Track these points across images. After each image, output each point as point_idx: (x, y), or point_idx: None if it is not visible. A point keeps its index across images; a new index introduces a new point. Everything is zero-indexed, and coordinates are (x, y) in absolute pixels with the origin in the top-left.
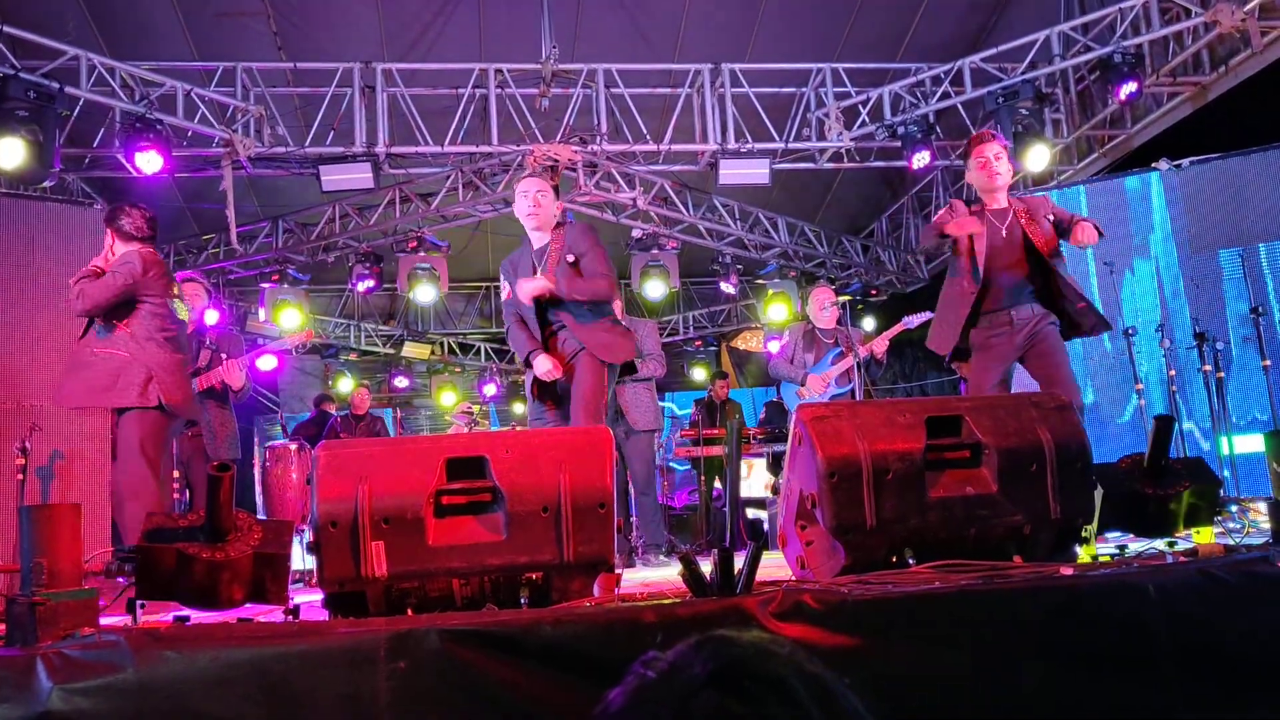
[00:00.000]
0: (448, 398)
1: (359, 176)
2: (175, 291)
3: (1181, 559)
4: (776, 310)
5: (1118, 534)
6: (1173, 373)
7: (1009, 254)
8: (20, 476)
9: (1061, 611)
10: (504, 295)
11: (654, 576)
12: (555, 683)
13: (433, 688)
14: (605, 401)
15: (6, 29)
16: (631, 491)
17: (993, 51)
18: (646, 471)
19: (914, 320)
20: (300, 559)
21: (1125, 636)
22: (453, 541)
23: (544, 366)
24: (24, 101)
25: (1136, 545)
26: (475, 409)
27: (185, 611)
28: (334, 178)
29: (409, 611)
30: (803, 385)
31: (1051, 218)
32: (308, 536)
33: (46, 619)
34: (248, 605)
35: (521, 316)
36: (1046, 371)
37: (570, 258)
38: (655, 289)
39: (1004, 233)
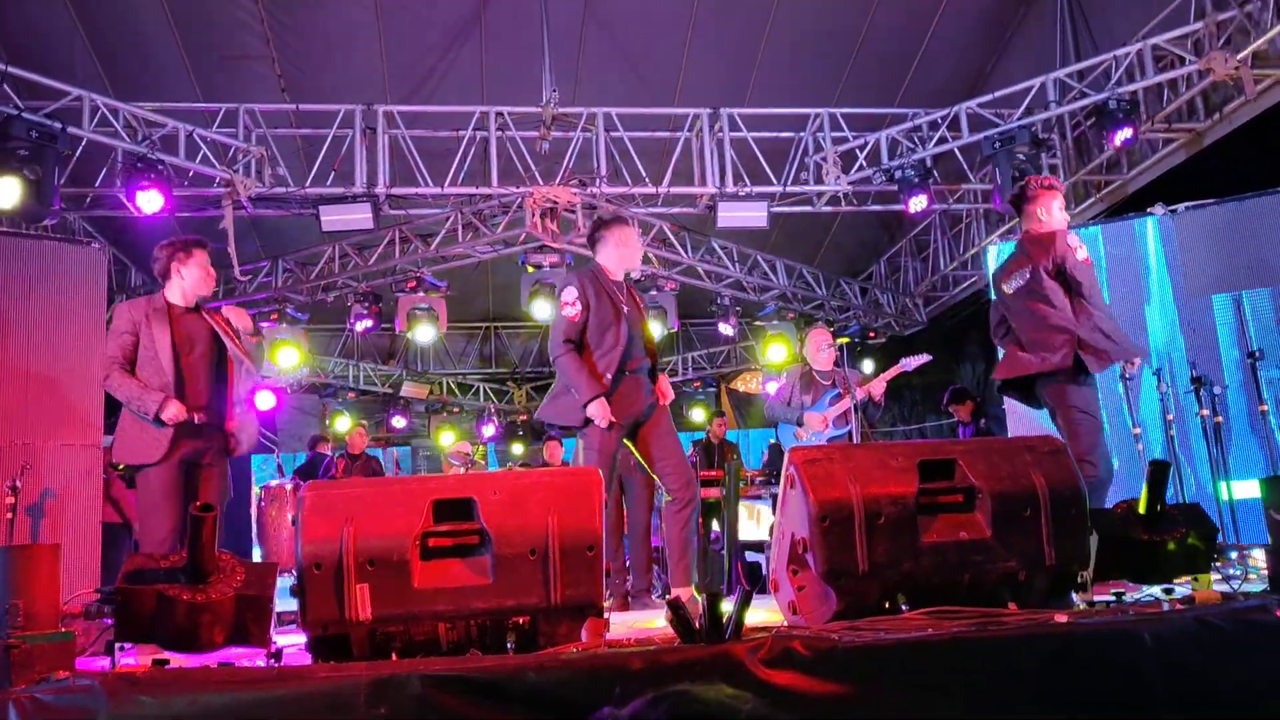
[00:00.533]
0: (446, 437)
1: (359, 217)
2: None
3: (1178, 606)
4: (775, 351)
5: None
6: (1170, 417)
7: None
8: (10, 515)
9: (1057, 659)
10: (573, 314)
11: (638, 619)
12: None
13: None
14: None
15: (12, 70)
16: (627, 534)
17: (989, 97)
18: (646, 517)
19: (912, 363)
20: (290, 600)
21: (1121, 685)
22: (439, 584)
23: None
24: (26, 141)
25: (1133, 593)
26: (476, 450)
27: (164, 655)
28: (334, 218)
29: (394, 655)
30: (800, 425)
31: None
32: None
33: (21, 662)
34: (229, 648)
35: (588, 344)
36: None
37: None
38: (654, 330)
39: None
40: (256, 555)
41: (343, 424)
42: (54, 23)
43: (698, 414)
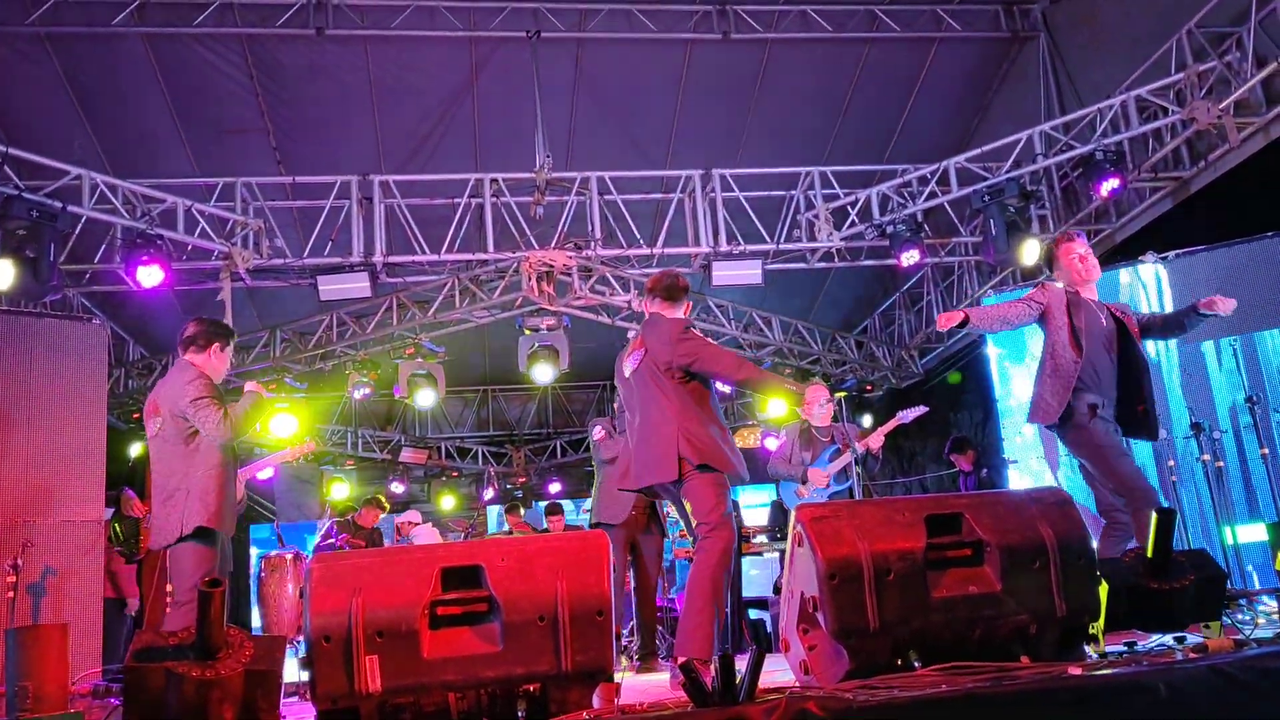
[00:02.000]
0: (448, 501)
1: (356, 286)
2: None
3: (1192, 655)
4: (775, 406)
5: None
6: (1172, 463)
7: (1103, 340)
8: (11, 595)
9: (1072, 713)
10: None
11: (650, 683)
12: None
13: None
14: None
15: (13, 151)
16: (633, 594)
17: (976, 152)
18: (654, 578)
19: (909, 415)
20: (296, 672)
21: None
22: (448, 653)
23: None
24: (26, 221)
25: (1145, 642)
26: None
27: None
28: (332, 287)
29: None
30: (802, 483)
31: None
32: (301, 649)
33: None
34: None
35: None
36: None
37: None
38: None
39: (1103, 320)
40: (256, 624)
41: (338, 490)
42: (53, 103)
43: None
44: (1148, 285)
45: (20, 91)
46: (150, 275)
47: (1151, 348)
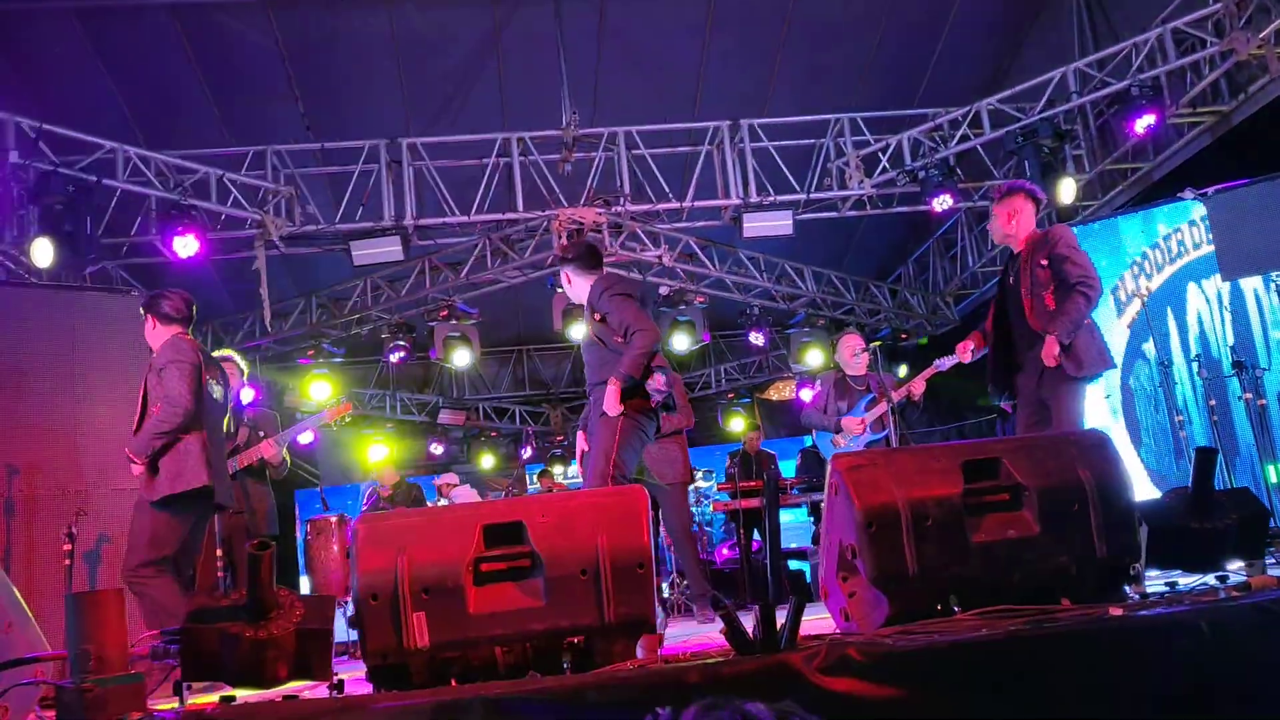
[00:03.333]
0: (487, 461)
1: (389, 250)
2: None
3: (1235, 594)
4: (813, 356)
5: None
6: (1213, 402)
7: (1013, 298)
8: (67, 562)
9: (1113, 653)
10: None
11: (692, 634)
12: None
13: None
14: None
15: (47, 126)
16: (668, 546)
17: (1009, 92)
18: (682, 524)
19: (945, 363)
20: (344, 631)
21: (1180, 677)
22: (493, 609)
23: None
24: (62, 195)
25: (1186, 581)
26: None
27: (231, 691)
28: (364, 252)
29: (452, 681)
30: (837, 432)
31: (1046, 262)
32: (350, 610)
33: (95, 705)
34: (292, 682)
35: None
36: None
37: (596, 317)
38: (681, 342)
39: (1011, 279)
40: (305, 587)
41: (375, 453)
42: (84, 78)
43: (736, 424)
44: (1191, 223)
45: (52, 67)
46: (186, 246)
47: (1194, 286)
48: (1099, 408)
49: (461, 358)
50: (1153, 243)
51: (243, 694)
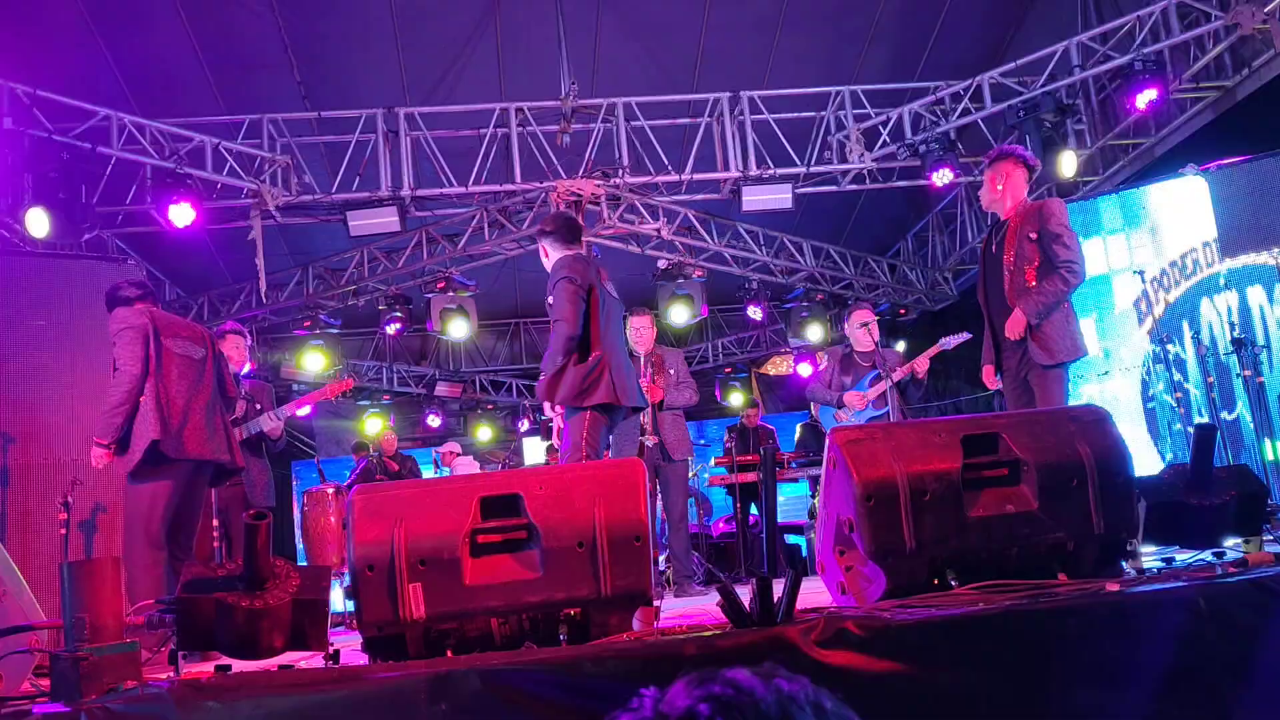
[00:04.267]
0: (484, 433)
1: (386, 220)
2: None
3: (1231, 570)
4: (812, 331)
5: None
6: (1212, 379)
7: (995, 270)
8: (63, 531)
9: (1110, 628)
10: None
11: (689, 606)
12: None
13: None
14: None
15: (41, 93)
16: (664, 522)
17: (1011, 66)
18: (683, 501)
19: (951, 341)
20: (341, 602)
21: (1177, 652)
22: (490, 580)
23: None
24: (56, 163)
25: (1184, 557)
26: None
27: (227, 661)
28: (361, 223)
29: (449, 652)
30: (839, 407)
31: (1034, 236)
32: (346, 580)
33: (90, 674)
34: (288, 652)
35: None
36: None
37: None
38: (680, 315)
39: (994, 248)
40: (301, 560)
41: (371, 426)
42: (77, 44)
43: (734, 399)
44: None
45: (46, 33)
46: (182, 214)
47: (1206, 300)
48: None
49: (458, 329)
50: (1137, 224)
51: (239, 664)
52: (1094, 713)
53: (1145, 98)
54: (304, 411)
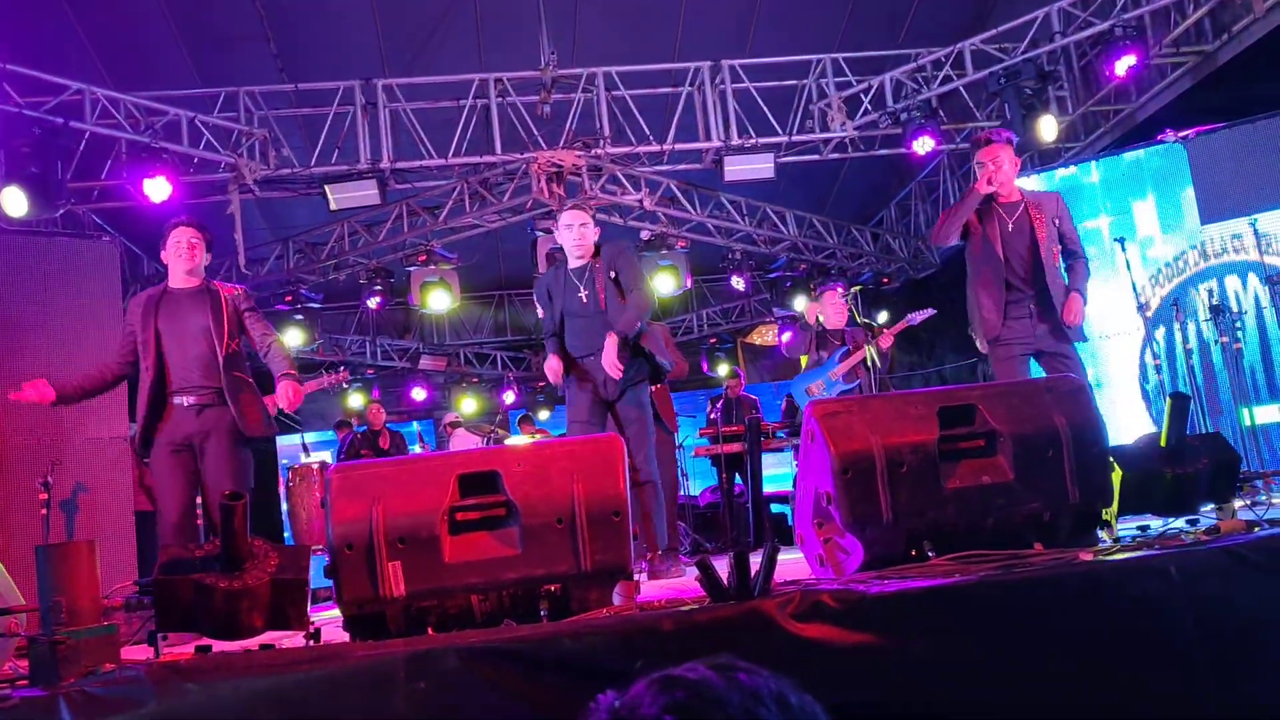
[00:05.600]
0: (469, 406)
1: (366, 193)
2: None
3: (1203, 538)
4: (798, 301)
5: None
6: (1190, 346)
7: (1020, 244)
8: (44, 512)
9: (1083, 597)
10: (540, 315)
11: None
12: (576, 696)
13: (453, 706)
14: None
15: (10, 67)
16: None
17: (993, 32)
18: (670, 474)
19: (918, 317)
20: (324, 579)
21: (1149, 619)
22: (469, 558)
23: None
24: (29, 138)
25: (1158, 525)
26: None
27: (207, 641)
28: (341, 196)
29: (429, 630)
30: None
31: (1058, 223)
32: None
33: (67, 657)
34: (269, 631)
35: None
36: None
37: (611, 274)
38: (665, 285)
39: (1011, 225)
40: (287, 535)
41: (354, 401)
42: (47, 18)
43: (720, 370)
44: (1168, 163)
45: (13, 6)
46: (158, 189)
47: (1192, 289)
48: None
49: (439, 301)
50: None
51: (219, 644)
52: (1068, 681)
53: (1125, 64)
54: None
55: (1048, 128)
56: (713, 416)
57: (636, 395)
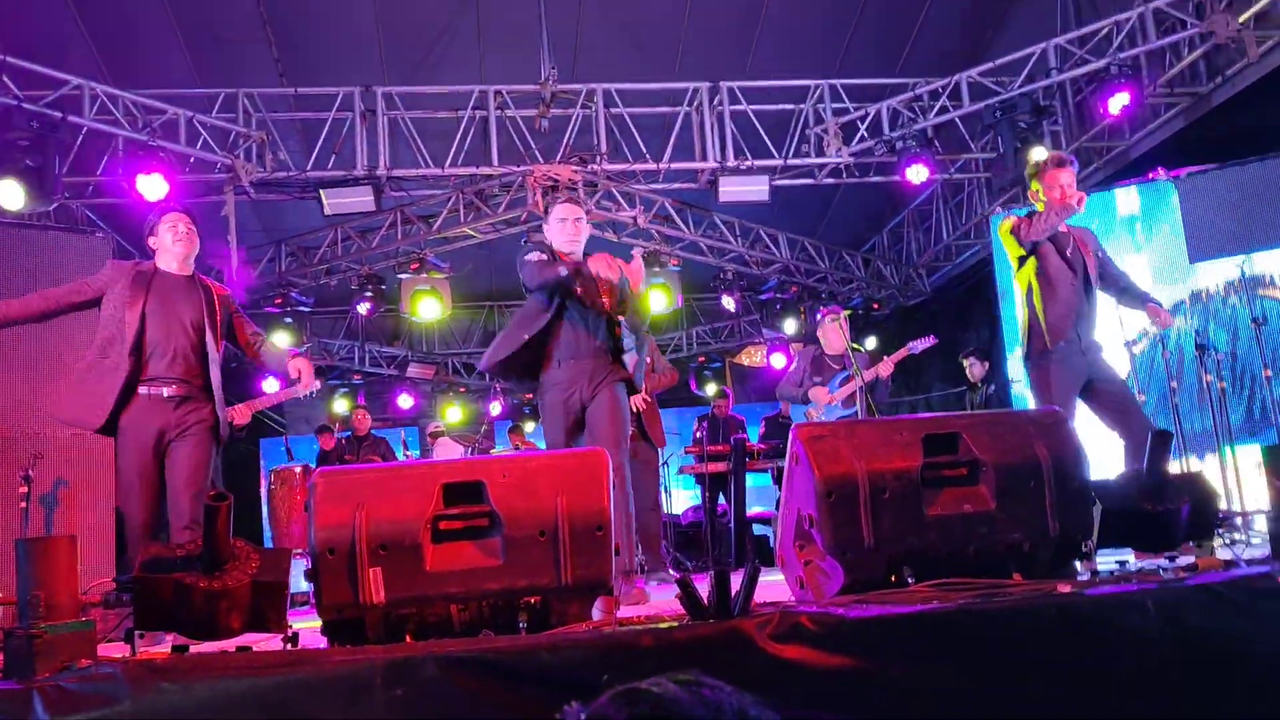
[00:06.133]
0: (454, 414)
1: (361, 199)
2: None
3: (1181, 575)
4: (788, 324)
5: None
6: (1174, 384)
7: (1076, 269)
8: (24, 505)
9: (1061, 628)
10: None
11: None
12: (553, 708)
13: (431, 715)
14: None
15: (10, 60)
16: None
17: (990, 65)
18: (654, 491)
19: (919, 345)
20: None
21: (1125, 653)
22: (450, 567)
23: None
24: (26, 131)
25: (1137, 561)
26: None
27: (183, 641)
28: (336, 201)
29: (407, 638)
30: (807, 404)
31: (1099, 254)
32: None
33: (44, 651)
34: (247, 633)
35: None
36: (1123, 403)
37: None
38: (658, 303)
39: (1069, 250)
40: (267, 538)
41: (339, 406)
42: (49, 12)
43: (710, 388)
44: (1158, 201)
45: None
46: (153, 186)
47: (1147, 264)
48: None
49: (430, 310)
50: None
51: (196, 644)
52: (1045, 711)
53: (1118, 102)
54: (272, 388)
55: (1039, 157)
56: (698, 435)
57: (611, 394)
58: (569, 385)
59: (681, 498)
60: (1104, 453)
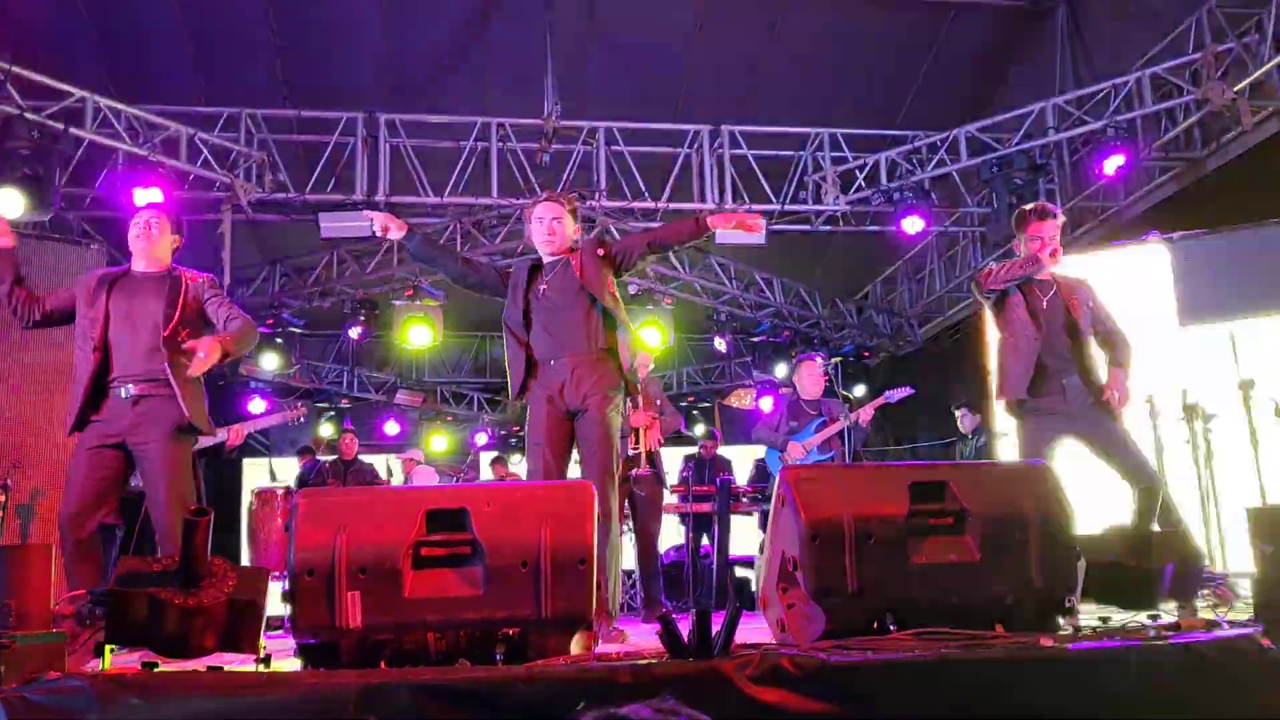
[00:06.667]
0: (439, 444)
1: (358, 224)
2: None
3: (1164, 633)
4: (779, 368)
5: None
6: (1161, 447)
7: (1054, 322)
8: (0, 514)
9: (1042, 682)
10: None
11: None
12: None
13: None
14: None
15: (16, 70)
16: (637, 546)
17: (988, 121)
18: (658, 526)
19: (895, 395)
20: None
21: (1106, 710)
22: (429, 594)
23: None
24: (28, 141)
25: (1120, 617)
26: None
27: (153, 658)
28: (333, 225)
29: (382, 664)
30: (781, 450)
31: (1091, 305)
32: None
33: (12, 661)
34: (219, 653)
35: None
36: (1117, 452)
37: (600, 252)
38: (651, 338)
39: (1046, 302)
40: (245, 558)
41: (325, 430)
42: (59, 23)
43: (698, 430)
44: (1149, 263)
45: (27, 9)
46: (150, 198)
47: (1142, 323)
48: None
49: (421, 337)
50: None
51: (166, 661)
52: None
53: (1114, 163)
54: (258, 408)
55: None
56: (685, 475)
57: (602, 413)
58: (549, 382)
59: (664, 537)
60: (1095, 500)
